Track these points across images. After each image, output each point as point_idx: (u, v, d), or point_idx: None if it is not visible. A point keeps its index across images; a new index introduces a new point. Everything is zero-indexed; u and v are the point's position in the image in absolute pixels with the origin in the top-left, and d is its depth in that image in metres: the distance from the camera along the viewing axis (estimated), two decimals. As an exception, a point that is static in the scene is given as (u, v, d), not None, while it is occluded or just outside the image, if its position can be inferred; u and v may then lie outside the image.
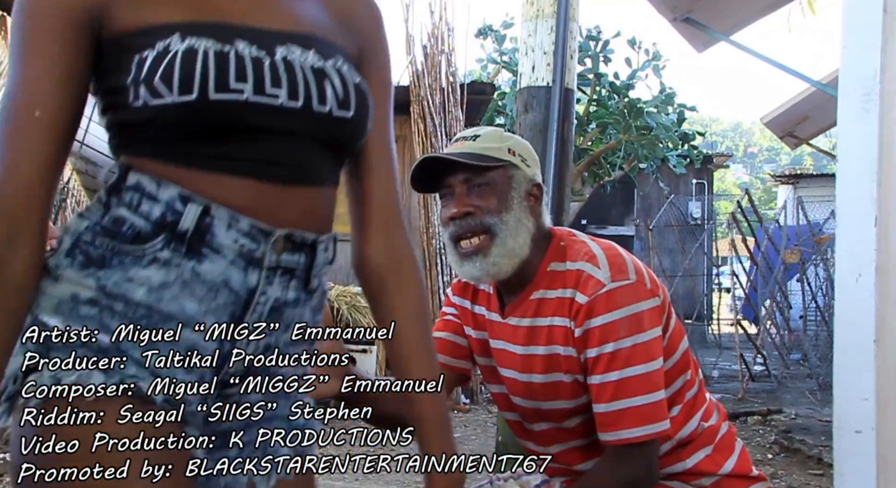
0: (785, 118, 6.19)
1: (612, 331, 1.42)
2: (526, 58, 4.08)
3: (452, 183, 1.49)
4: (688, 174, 13.09)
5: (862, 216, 1.69)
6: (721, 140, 46.37)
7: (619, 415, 1.40)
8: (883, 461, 1.65)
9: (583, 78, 10.17)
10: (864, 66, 1.69)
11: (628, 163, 10.90)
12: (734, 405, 7.07)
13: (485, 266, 1.47)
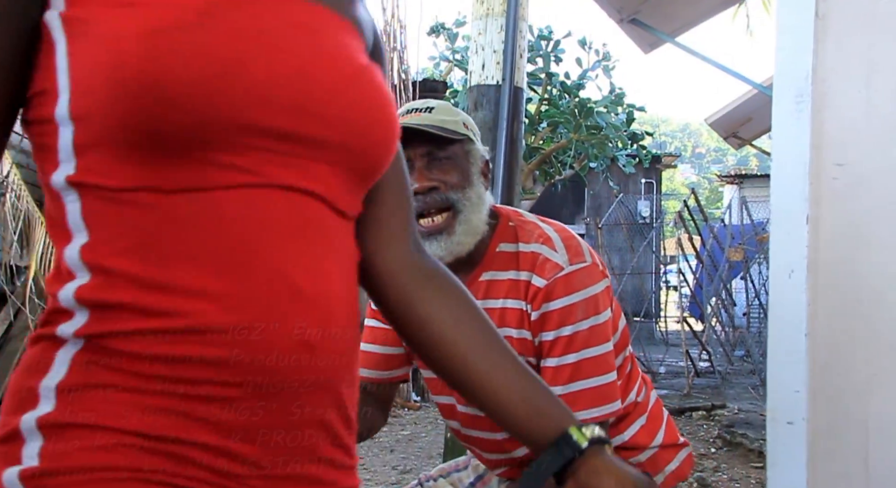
0: (728, 119, 6.32)
1: (571, 313, 1.42)
2: (476, 56, 4.10)
3: (412, 156, 1.42)
4: (637, 173, 13.28)
5: (795, 214, 1.74)
6: (670, 140, 47.13)
7: (575, 397, 1.40)
8: (813, 451, 1.70)
9: (534, 77, 10.25)
10: (796, 68, 1.74)
11: (579, 162, 11.01)
12: (680, 400, 7.20)
13: (449, 245, 1.44)
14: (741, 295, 9.76)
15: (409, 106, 1.49)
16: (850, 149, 1.70)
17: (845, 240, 1.70)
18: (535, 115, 10.57)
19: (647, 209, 13.89)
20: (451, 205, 1.43)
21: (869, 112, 1.69)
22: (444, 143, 1.44)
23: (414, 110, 1.47)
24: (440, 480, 1.74)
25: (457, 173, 1.45)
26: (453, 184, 1.43)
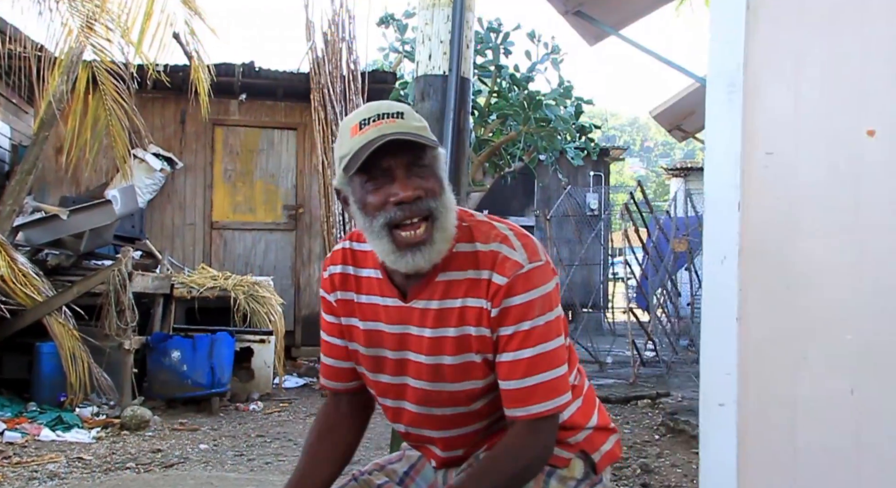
0: (672, 112, 6.42)
1: (529, 309, 1.45)
2: (423, 46, 4.09)
3: (392, 165, 1.42)
4: (585, 166, 13.42)
5: (726, 201, 1.78)
6: (619, 134, 47.73)
7: (530, 391, 1.44)
8: (743, 432, 1.75)
9: (484, 69, 10.27)
10: (728, 59, 1.78)
11: (528, 154, 11.08)
12: (626, 389, 7.32)
13: (431, 255, 1.46)
14: (686, 286, 9.96)
15: (375, 110, 1.47)
16: (779, 138, 1.75)
17: (775, 227, 1.75)
18: (485, 107, 10.60)
19: (595, 201, 14.06)
20: (430, 213, 1.45)
21: (797, 102, 1.74)
22: (423, 151, 1.44)
23: (385, 116, 1.45)
24: (374, 473, 1.75)
25: (434, 180, 1.46)
26: (432, 191, 1.45)
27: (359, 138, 1.43)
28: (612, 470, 4.35)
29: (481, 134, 10.76)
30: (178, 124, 8.39)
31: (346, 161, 1.43)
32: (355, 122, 1.46)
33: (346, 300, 1.63)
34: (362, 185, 1.46)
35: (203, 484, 4.02)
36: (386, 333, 1.58)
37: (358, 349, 1.63)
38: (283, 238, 8.64)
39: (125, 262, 5.86)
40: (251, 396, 6.54)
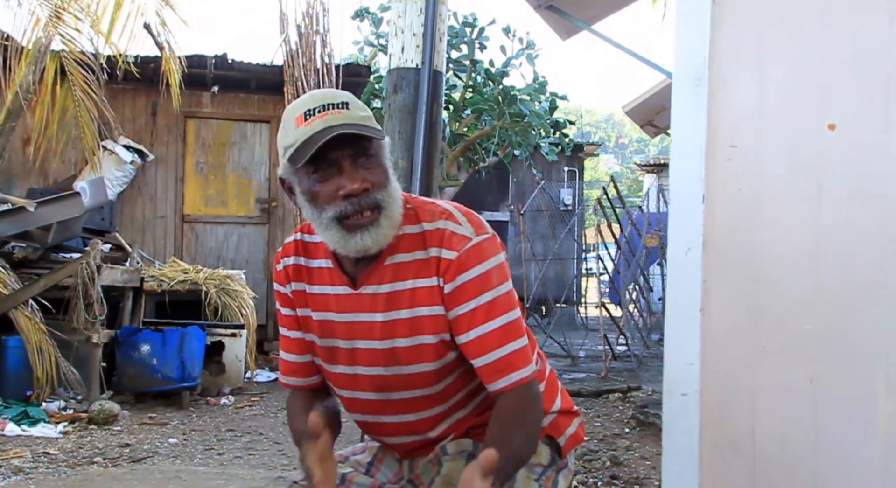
0: (644, 107, 6.46)
1: (487, 281, 1.45)
2: (395, 39, 4.09)
3: (339, 157, 1.42)
4: (560, 162, 13.47)
5: (691, 194, 1.80)
6: (594, 130, 47.90)
7: (508, 360, 1.43)
8: (705, 420, 1.77)
9: (459, 64, 10.28)
10: (694, 53, 1.80)
11: (502, 149, 11.10)
12: (598, 383, 7.38)
13: (377, 237, 1.46)
14: (658, 281, 10.04)
15: (319, 100, 1.46)
16: (743, 131, 1.77)
17: (738, 220, 1.77)
18: (460, 102, 10.60)
19: (569, 197, 14.12)
20: (377, 204, 1.45)
21: (761, 96, 1.76)
22: (369, 142, 1.45)
23: (330, 106, 1.44)
24: (339, 464, 1.74)
25: (380, 171, 1.47)
26: (379, 183, 1.46)
27: (304, 129, 1.42)
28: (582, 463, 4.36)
29: (456, 128, 10.76)
30: (150, 116, 8.30)
31: (292, 152, 1.43)
32: (300, 111, 1.45)
33: (299, 291, 1.63)
34: (309, 176, 1.45)
35: (171, 479, 3.99)
36: (337, 322, 1.58)
37: (314, 340, 1.63)
38: (255, 231, 8.59)
39: (93, 255, 5.79)
40: (222, 390, 6.49)
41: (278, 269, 1.66)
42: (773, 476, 1.72)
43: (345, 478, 1.70)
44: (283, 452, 4.69)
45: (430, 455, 1.63)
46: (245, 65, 8.24)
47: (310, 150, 1.40)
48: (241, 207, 8.59)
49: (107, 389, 5.87)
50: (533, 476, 1.57)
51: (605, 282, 9.70)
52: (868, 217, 1.64)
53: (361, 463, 1.74)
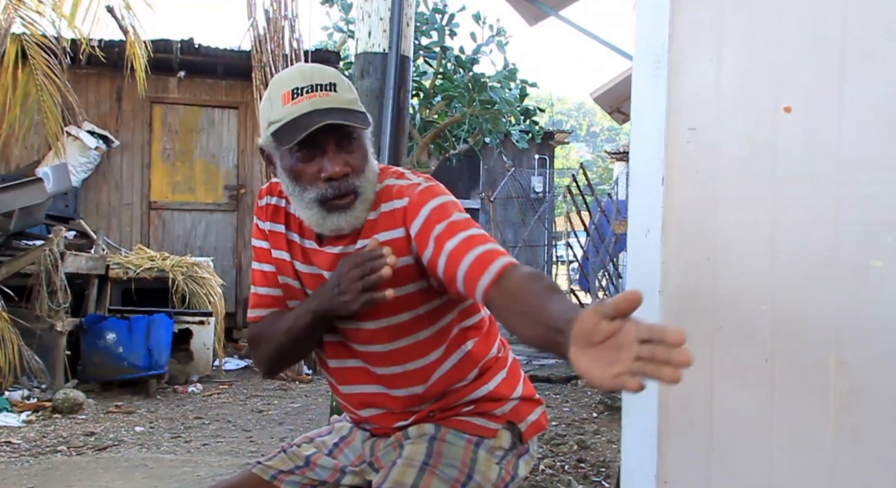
0: (612, 94, 6.48)
1: (444, 210, 1.47)
2: (362, 23, 4.06)
3: (323, 140, 1.45)
4: (530, 149, 13.50)
5: (651, 176, 1.82)
6: (566, 119, 48.05)
7: (488, 254, 1.37)
8: (663, 400, 1.79)
9: (429, 51, 10.24)
10: (654, 35, 1.81)
11: (473, 136, 11.10)
12: (567, 369, 7.43)
13: (351, 219, 1.50)
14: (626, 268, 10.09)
15: (308, 78, 1.47)
16: (701, 114, 1.78)
17: (696, 202, 1.79)
18: (430, 89, 10.57)
19: (540, 184, 14.17)
20: (355, 190, 1.49)
21: (719, 79, 1.78)
22: (354, 127, 1.47)
23: (318, 88, 1.46)
24: (303, 445, 1.75)
25: (361, 155, 1.49)
26: (359, 168, 1.48)
27: (291, 108, 1.45)
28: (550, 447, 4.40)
29: (426, 115, 10.74)
30: (114, 101, 8.17)
31: (276, 128, 1.46)
32: (287, 87, 1.47)
33: (275, 232, 1.66)
34: (292, 154, 1.48)
35: (137, 467, 3.96)
36: (304, 274, 1.61)
37: (288, 281, 1.65)
38: (223, 219, 8.51)
39: (57, 242, 5.71)
40: (190, 378, 6.45)
41: (261, 205, 1.69)
42: (729, 453, 1.75)
43: (309, 460, 1.71)
44: (251, 439, 4.67)
45: (392, 438, 1.64)
46: (212, 50, 8.14)
47: (296, 135, 1.42)
48: (210, 194, 8.51)
49: (72, 378, 5.81)
50: (494, 459, 1.58)
51: (575, 269, 9.77)
52: (821, 198, 1.66)
53: (327, 445, 1.75)
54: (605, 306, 0.96)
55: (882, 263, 1.60)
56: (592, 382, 0.96)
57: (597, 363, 0.95)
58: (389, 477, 1.50)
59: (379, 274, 1.37)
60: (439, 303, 1.57)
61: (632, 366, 0.91)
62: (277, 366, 1.68)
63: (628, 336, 0.93)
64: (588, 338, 0.97)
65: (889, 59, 1.61)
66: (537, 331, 1.17)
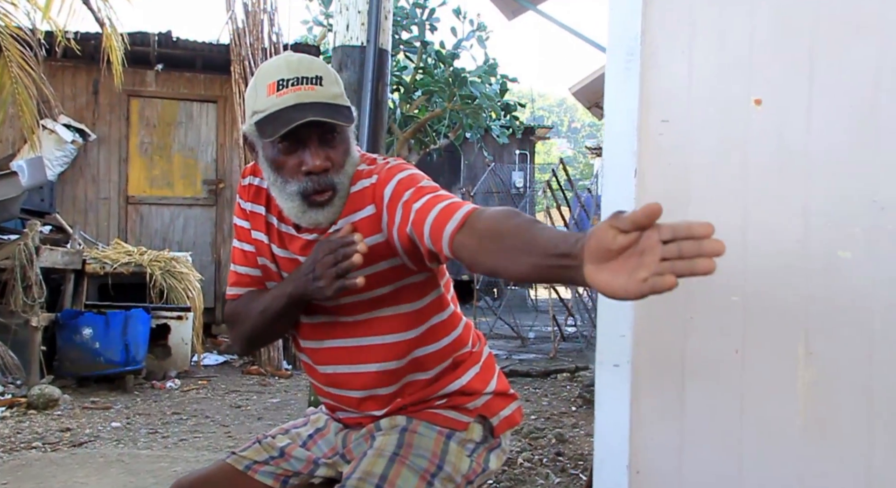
0: (591, 89, 6.50)
1: (412, 179, 1.48)
2: (340, 16, 4.04)
3: (306, 134, 1.46)
4: (511, 145, 13.52)
5: (624, 168, 1.83)
6: (547, 115, 48.15)
7: (454, 205, 1.36)
8: (636, 390, 1.80)
9: (409, 46, 10.21)
10: (627, 28, 1.81)
11: (453, 131, 11.09)
12: (546, 363, 7.47)
13: (329, 215, 1.52)
14: (607, 262, 10.12)
15: (294, 70, 1.47)
16: (673, 106, 1.79)
17: (669, 194, 1.80)
18: (411, 84, 10.55)
19: (521, 179, 14.19)
20: (334, 187, 1.50)
21: (691, 71, 1.79)
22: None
23: (304, 80, 1.46)
24: (278, 436, 1.75)
25: (343, 149, 1.51)
26: (339, 163, 1.50)
27: (276, 100, 1.45)
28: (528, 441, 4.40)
29: (406, 110, 10.72)
30: (91, 94, 8.08)
31: (260, 119, 1.46)
32: (273, 78, 1.48)
33: (256, 213, 1.66)
34: (274, 146, 1.49)
35: (113, 462, 3.93)
36: (280, 257, 1.62)
37: (266, 263, 1.66)
38: (202, 213, 8.45)
39: (32, 236, 5.65)
40: (168, 374, 6.41)
41: (243, 184, 1.70)
42: (700, 443, 1.76)
43: (283, 451, 1.71)
44: (229, 434, 4.65)
45: (364, 430, 1.65)
46: (190, 43, 8.07)
47: (278, 128, 1.43)
48: (188, 189, 8.45)
49: (47, 374, 5.75)
50: (465, 451, 1.59)
51: (555, 264, 9.77)
52: (791, 191, 1.68)
53: (301, 436, 1.75)
54: (621, 220, 0.90)
55: (850, 254, 1.62)
56: (616, 295, 0.91)
57: (619, 274, 0.91)
58: (359, 467, 1.50)
59: (351, 261, 1.37)
60: (416, 281, 1.57)
61: (660, 267, 0.87)
62: (253, 345, 1.71)
63: (650, 240, 0.89)
64: (605, 252, 0.92)
65: (857, 52, 1.62)
66: (532, 261, 1.11)
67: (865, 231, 1.62)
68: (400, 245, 1.47)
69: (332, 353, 1.63)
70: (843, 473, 1.64)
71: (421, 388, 1.63)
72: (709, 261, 0.86)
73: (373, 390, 1.62)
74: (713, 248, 0.86)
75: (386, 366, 1.60)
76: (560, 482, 3.72)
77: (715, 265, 0.83)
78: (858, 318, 1.61)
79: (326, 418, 1.77)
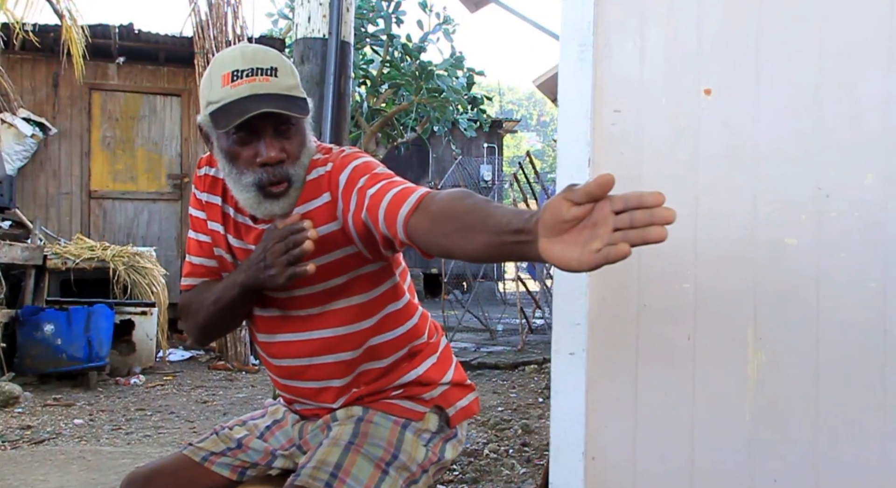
0: (554, 81, 6.52)
1: (366, 166, 1.48)
2: (302, 8, 4.01)
3: (261, 126, 1.45)
4: (479, 138, 13.55)
5: (578, 158, 1.84)
6: (517, 108, 48.27)
7: (409, 190, 1.36)
8: (591, 378, 1.83)
9: (376, 39, 10.17)
10: (580, 19, 1.83)
11: (421, 124, 11.08)
12: (514, 356, 7.51)
13: (284, 206, 1.51)
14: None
15: (249, 61, 1.46)
16: (626, 97, 1.81)
17: (621, 183, 1.80)
18: (377, 77, 10.51)
19: (489, 173, 14.22)
20: (289, 178, 1.49)
21: (643, 62, 1.81)
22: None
23: (259, 71, 1.45)
24: (236, 427, 1.75)
25: (298, 141, 1.49)
26: (294, 155, 1.49)
27: (230, 91, 1.44)
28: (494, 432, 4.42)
29: (373, 104, 10.68)
30: (51, 88, 7.95)
31: (214, 109, 1.45)
32: (228, 69, 1.46)
33: (212, 203, 1.66)
34: (228, 136, 1.47)
35: (75, 459, 3.89)
36: (236, 248, 1.62)
37: (222, 254, 1.65)
38: (167, 208, 8.36)
39: (-10, 232, 5.55)
40: (133, 370, 6.34)
41: (199, 174, 1.69)
42: (654, 428, 1.79)
43: (241, 443, 1.71)
44: (194, 430, 4.62)
45: (320, 421, 1.65)
46: (153, 36, 7.97)
47: (232, 119, 1.41)
48: (152, 183, 8.35)
49: (7, 371, 5.66)
50: (421, 441, 1.59)
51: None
52: (740, 179, 1.70)
53: (259, 427, 1.75)
54: (574, 192, 0.91)
55: (797, 241, 1.66)
56: (571, 267, 0.91)
57: (573, 246, 0.91)
58: (314, 456, 1.50)
59: (302, 248, 1.37)
60: (370, 270, 1.57)
61: (612, 237, 0.88)
62: (207, 336, 1.69)
63: (602, 212, 0.89)
64: (560, 224, 0.92)
65: (800, 40, 1.65)
66: (485, 239, 1.11)
67: (811, 218, 1.65)
68: (355, 232, 1.47)
69: (286, 347, 1.63)
70: (792, 454, 1.68)
71: (376, 378, 1.63)
72: (660, 229, 0.86)
73: (328, 381, 1.62)
74: (664, 217, 0.87)
75: (341, 357, 1.60)
76: (526, 472, 3.75)
77: (667, 233, 0.84)
78: (805, 304, 1.65)
79: (284, 410, 1.77)
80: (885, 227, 1.61)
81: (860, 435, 1.64)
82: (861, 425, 1.64)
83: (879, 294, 1.61)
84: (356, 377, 1.62)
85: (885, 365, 1.62)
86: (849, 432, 1.65)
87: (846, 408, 1.65)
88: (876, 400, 1.63)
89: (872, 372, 1.63)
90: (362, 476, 1.48)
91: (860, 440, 1.64)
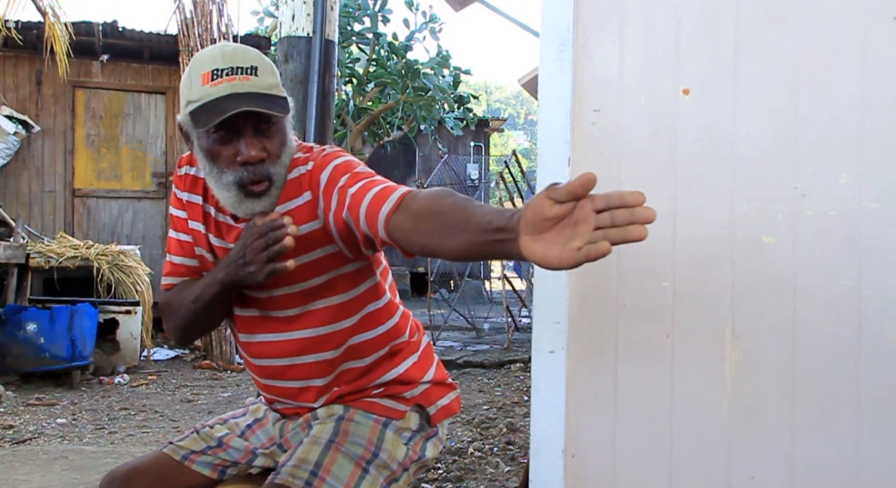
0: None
1: (347, 165, 1.48)
2: (286, 6, 4.00)
3: (241, 125, 1.45)
4: (466, 137, 13.55)
5: (558, 157, 1.85)
6: (504, 107, 48.34)
7: (389, 189, 1.37)
8: (571, 376, 1.84)
9: (362, 37, 10.16)
10: (559, 19, 1.84)
11: (407, 123, 11.07)
12: (501, 354, 7.52)
13: (265, 205, 1.50)
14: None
15: (229, 60, 1.46)
16: (605, 96, 1.82)
17: (601, 182, 1.82)
18: (363, 76, 10.50)
19: (476, 171, 14.23)
20: (270, 177, 1.49)
21: (622, 62, 1.82)
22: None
23: (239, 70, 1.45)
24: (216, 426, 1.75)
25: (279, 140, 1.49)
26: (275, 154, 1.49)
27: (209, 90, 1.44)
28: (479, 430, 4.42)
29: (360, 102, 10.66)
30: (34, 85, 7.89)
31: (194, 108, 1.45)
32: (207, 68, 1.46)
33: (193, 203, 1.65)
34: (208, 135, 1.47)
35: (57, 459, 3.87)
36: (217, 247, 1.61)
37: (203, 253, 1.65)
38: (152, 206, 8.32)
39: (-28, 230, 5.51)
40: (117, 369, 6.31)
41: (179, 174, 1.68)
42: (633, 426, 1.80)
43: (221, 441, 1.71)
44: (178, 429, 4.61)
45: (301, 420, 1.65)
46: (137, 33, 7.93)
47: (212, 118, 1.41)
48: (137, 181, 8.31)
49: (-11, 371, 5.63)
50: (402, 440, 1.60)
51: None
52: (718, 178, 1.72)
53: (240, 426, 1.75)
54: (556, 190, 0.91)
55: (773, 239, 1.67)
56: (552, 265, 0.92)
57: (554, 244, 0.92)
58: (295, 454, 1.50)
59: (282, 244, 1.37)
60: (350, 270, 1.57)
61: (593, 235, 0.89)
62: (188, 335, 1.68)
63: (584, 210, 0.90)
64: (541, 222, 0.93)
65: (778, 40, 1.67)
66: (466, 237, 1.11)
67: (787, 217, 1.67)
68: (336, 231, 1.47)
69: (267, 347, 1.63)
70: (768, 450, 1.69)
71: (357, 377, 1.63)
72: (641, 227, 0.87)
73: (309, 381, 1.62)
74: (644, 216, 0.88)
75: (322, 357, 1.60)
76: (510, 470, 3.76)
77: (647, 231, 0.85)
78: (780, 300, 1.66)
79: (265, 408, 1.77)
80: (860, 226, 1.63)
81: (835, 431, 1.66)
82: (836, 421, 1.66)
83: (854, 291, 1.63)
84: (337, 376, 1.62)
85: (860, 362, 1.64)
86: (824, 428, 1.67)
87: (821, 405, 1.67)
88: (851, 397, 1.65)
89: (847, 369, 1.65)
90: (342, 474, 1.48)
91: (835, 436, 1.66)
